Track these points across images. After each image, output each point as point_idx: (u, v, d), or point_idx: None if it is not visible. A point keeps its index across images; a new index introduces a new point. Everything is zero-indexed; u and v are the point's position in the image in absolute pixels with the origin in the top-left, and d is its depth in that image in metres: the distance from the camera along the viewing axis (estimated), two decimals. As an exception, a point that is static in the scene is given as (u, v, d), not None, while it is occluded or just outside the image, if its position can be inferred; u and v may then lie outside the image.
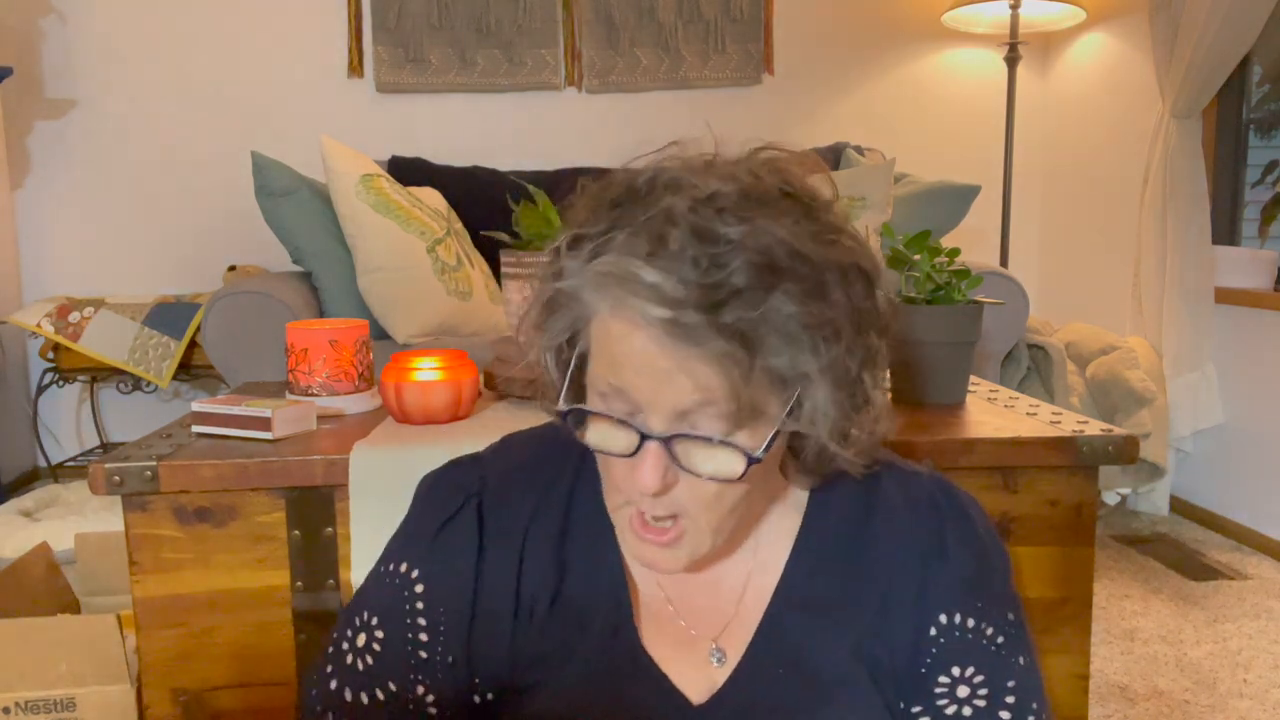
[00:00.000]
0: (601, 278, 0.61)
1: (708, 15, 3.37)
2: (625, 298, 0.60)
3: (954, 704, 0.71)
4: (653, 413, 0.62)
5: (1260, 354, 2.64)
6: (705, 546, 0.68)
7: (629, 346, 0.61)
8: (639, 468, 0.63)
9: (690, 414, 0.62)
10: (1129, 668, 1.92)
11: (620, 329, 0.61)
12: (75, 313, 2.83)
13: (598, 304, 0.63)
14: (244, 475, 1.07)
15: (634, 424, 0.63)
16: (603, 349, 0.64)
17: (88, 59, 3.25)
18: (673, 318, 0.58)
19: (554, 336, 0.69)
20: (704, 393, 0.61)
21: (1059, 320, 3.19)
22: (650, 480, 0.63)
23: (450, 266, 2.46)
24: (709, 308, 0.58)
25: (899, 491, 0.76)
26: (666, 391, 0.61)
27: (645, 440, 0.63)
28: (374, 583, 0.77)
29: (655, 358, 0.60)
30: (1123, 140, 3.15)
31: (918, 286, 1.30)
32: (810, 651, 0.72)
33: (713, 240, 0.59)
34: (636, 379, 0.62)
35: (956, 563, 0.73)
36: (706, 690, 0.72)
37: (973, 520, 0.76)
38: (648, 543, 0.67)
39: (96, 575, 1.74)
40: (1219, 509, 2.76)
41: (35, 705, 1.30)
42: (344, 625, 0.76)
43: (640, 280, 0.58)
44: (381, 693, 0.72)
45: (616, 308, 0.61)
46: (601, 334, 0.64)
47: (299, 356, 1.27)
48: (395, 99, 3.35)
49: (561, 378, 0.70)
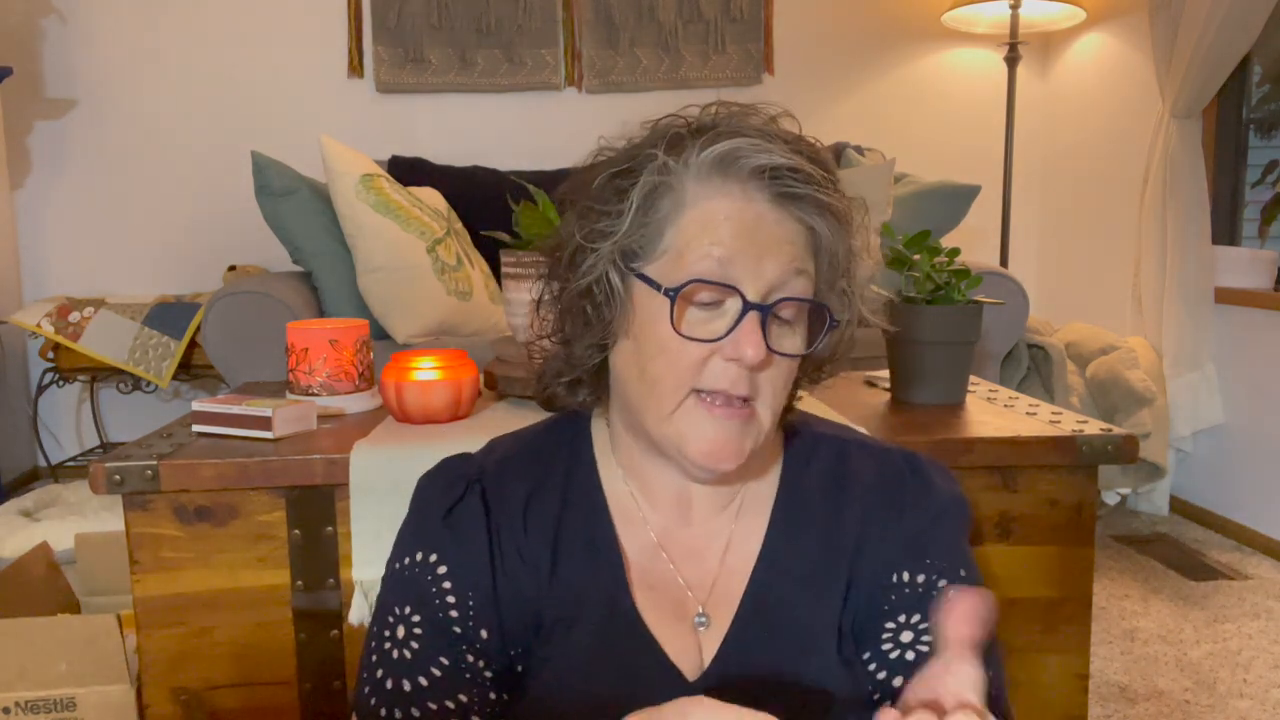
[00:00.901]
0: (721, 163, 0.69)
1: (708, 15, 3.37)
2: (742, 177, 0.69)
3: (897, 648, 0.73)
4: (752, 284, 0.69)
5: (1260, 354, 2.64)
6: (761, 439, 0.72)
7: (737, 219, 0.69)
8: (740, 340, 0.68)
9: (780, 288, 0.70)
10: (1129, 668, 1.92)
11: (729, 206, 0.69)
12: (75, 313, 2.83)
13: (704, 189, 0.70)
14: (244, 474, 1.07)
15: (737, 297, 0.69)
16: (703, 231, 0.69)
17: (88, 59, 3.25)
18: (785, 190, 0.69)
19: (633, 234, 0.71)
20: (798, 257, 0.70)
21: (1059, 320, 3.19)
22: (756, 345, 0.68)
23: (450, 266, 2.46)
24: (810, 183, 0.69)
25: (870, 467, 0.80)
26: (767, 261, 0.69)
27: (748, 310, 0.68)
28: (394, 580, 0.77)
29: (761, 227, 0.69)
30: (1123, 140, 3.15)
31: (918, 286, 1.30)
32: (792, 622, 0.74)
33: (796, 137, 0.72)
34: (742, 251, 0.68)
35: (911, 522, 0.77)
36: (696, 663, 0.74)
37: (933, 485, 0.79)
38: (723, 420, 0.70)
39: (96, 575, 1.74)
40: (1219, 509, 2.76)
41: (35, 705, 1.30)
42: (379, 628, 0.76)
43: (762, 160, 0.68)
44: (437, 669, 0.73)
45: (729, 185, 0.69)
46: (703, 216, 0.70)
47: (299, 356, 1.27)
48: (395, 99, 3.35)
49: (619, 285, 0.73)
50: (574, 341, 0.77)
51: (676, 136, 0.72)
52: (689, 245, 0.70)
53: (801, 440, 0.82)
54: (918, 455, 0.82)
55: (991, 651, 0.75)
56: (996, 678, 0.74)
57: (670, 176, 0.71)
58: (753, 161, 0.69)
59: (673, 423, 0.71)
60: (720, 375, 0.69)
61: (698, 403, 0.70)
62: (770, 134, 0.71)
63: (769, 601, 0.75)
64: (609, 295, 0.73)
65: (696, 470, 0.72)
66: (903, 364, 1.32)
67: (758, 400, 0.71)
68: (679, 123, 0.73)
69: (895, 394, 1.35)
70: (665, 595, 0.76)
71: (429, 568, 0.75)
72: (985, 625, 0.52)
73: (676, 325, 0.69)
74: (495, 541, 0.76)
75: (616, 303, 0.73)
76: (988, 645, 0.75)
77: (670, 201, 0.71)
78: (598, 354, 0.77)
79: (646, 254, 0.72)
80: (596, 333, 0.75)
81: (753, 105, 0.75)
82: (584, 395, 0.81)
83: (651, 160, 0.71)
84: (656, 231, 0.71)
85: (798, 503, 0.78)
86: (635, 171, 0.72)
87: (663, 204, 0.71)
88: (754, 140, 0.69)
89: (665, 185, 0.71)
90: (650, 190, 0.71)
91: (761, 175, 0.69)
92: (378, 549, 1.08)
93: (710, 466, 0.71)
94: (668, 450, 0.73)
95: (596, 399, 0.81)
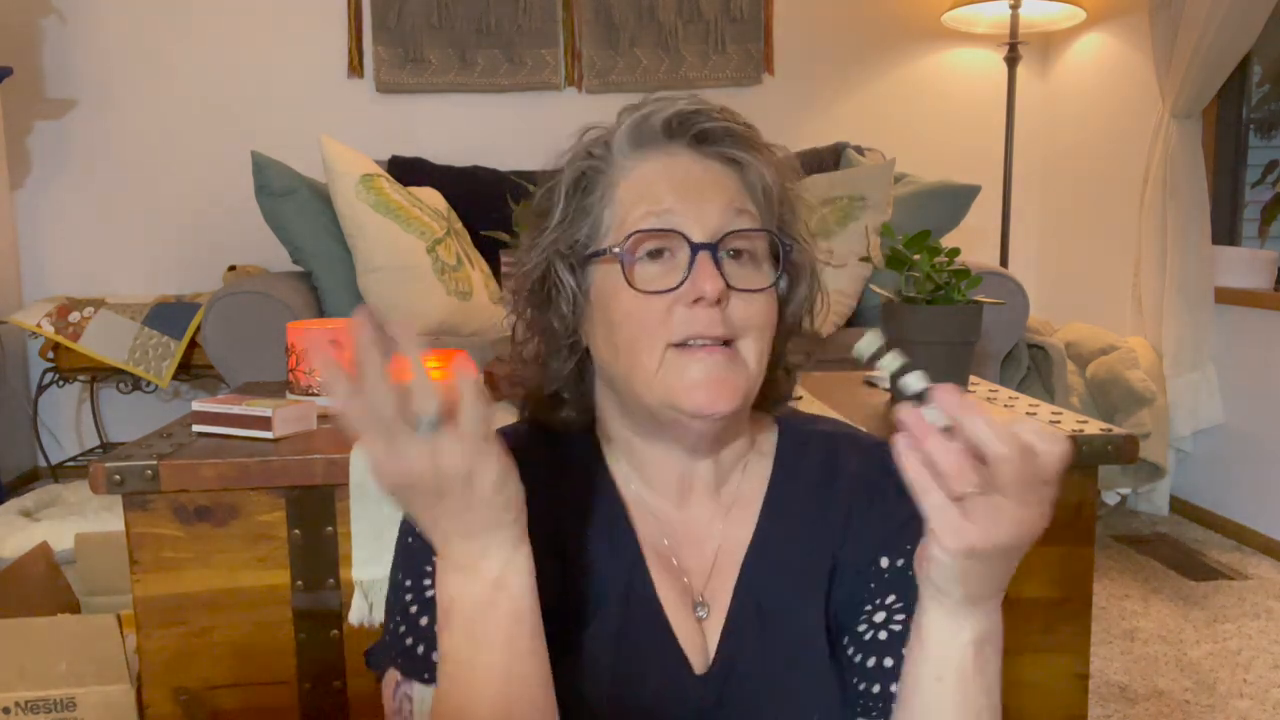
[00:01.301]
0: (635, 132, 0.74)
1: (708, 15, 3.37)
2: (657, 138, 0.73)
3: (871, 629, 0.73)
4: (696, 227, 0.71)
5: (1260, 354, 2.64)
6: (751, 377, 0.72)
7: (666, 175, 0.72)
8: (696, 279, 0.69)
9: (724, 227, 0.71)
10: (1129, 668, 1.92)
11: (655, 167, 0.73)
12: (75, 313, 2.83)
13: (628, 161, 0.74)
14: (244, 474, 1.07)
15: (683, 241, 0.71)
16: (639, 197, 0.72)
17: (88, 59, 3.25)
18: (700, 129, 0.73)
19: (575, 226, 0.74)
20: (735, 198, 0.72)
21: (1059, 320, 3.19)
22: (713, 279, 0.69)
23: (450, 266, 2.46)
24: (720, 119, 0.74)
25: (858, 460, 0.80)
26: (706, 204, 0.71)
27: (697, 251, 0.70)
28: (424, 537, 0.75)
29: (691, 175, 0.72)
30: (1123, 140, 3.15)
31: (918, 286, 1.30)
32: (783, 617, 0.75)
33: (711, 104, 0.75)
34: (678, 201, 0.71)
35: (893, 511, 0.76)
36: (702, 654, 0.74)
37: None
38: (705, 359, 0.70)
39: (96, 575, 1.74)
40: (1219, 509, 2.76)
41: (35, 705, 1.30)
42: (415, 576, 0.73)
43: (670, 110, 0.73)
44: None
45: (648, 150, 0.74)
46: (634, 185, 0.73)
47: (299, 356, 1.27)
48: (395, 99, 3.35)
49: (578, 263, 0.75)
50: (547, 355, 0.78)
51: (599, 137, 0.76)
52: (628, 213, 0.72)
53: (794, 434, 0.82)
54: None
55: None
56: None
57: (598, 160, 0.75)
58: (663, 114, 0.73)
59: (659, 380, 0.71)
60: (691, 320, 0.70)
61: (678, 353, 0.71)
62: (675, 95, 0.76)
63: (760, 595, 0.75)
64: (562, 289, 0.75)
65: (694, 422, 0.71)
66: (903, 364, 1.32)
67: (739, 341, 0.71)
68: (600, 129, 0.77)
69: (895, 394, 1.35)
70: (673, 583, 0.76)
71: None
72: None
73: (631, 280, 0.70)
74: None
75: (570, 295, 0.75)
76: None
77: (602, 184, 0.74)
78: (571, 358, 0.77)
79: (594, 240, 0.74)
80: (564, 335, 0.76)
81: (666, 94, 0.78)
82: (567, 413, 0.80)
83: (575, 153, 0.76)
84: (596, 218, 0.74)
85: (788, 496, 0.79)
86: (563, 170, 0.76)
87: (596, 189, 0.74)
88: (659, 102, 0.74)
89: (594, 169, 0.74)
90: (578, 175, 0.75)
91: (675, 128, 0.73)
92: (378, 549, 1.08)
93: (706, 409, 0.70)
94: (662, 411, 0.71)
95: (582, 419, 0.81)
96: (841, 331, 2.45)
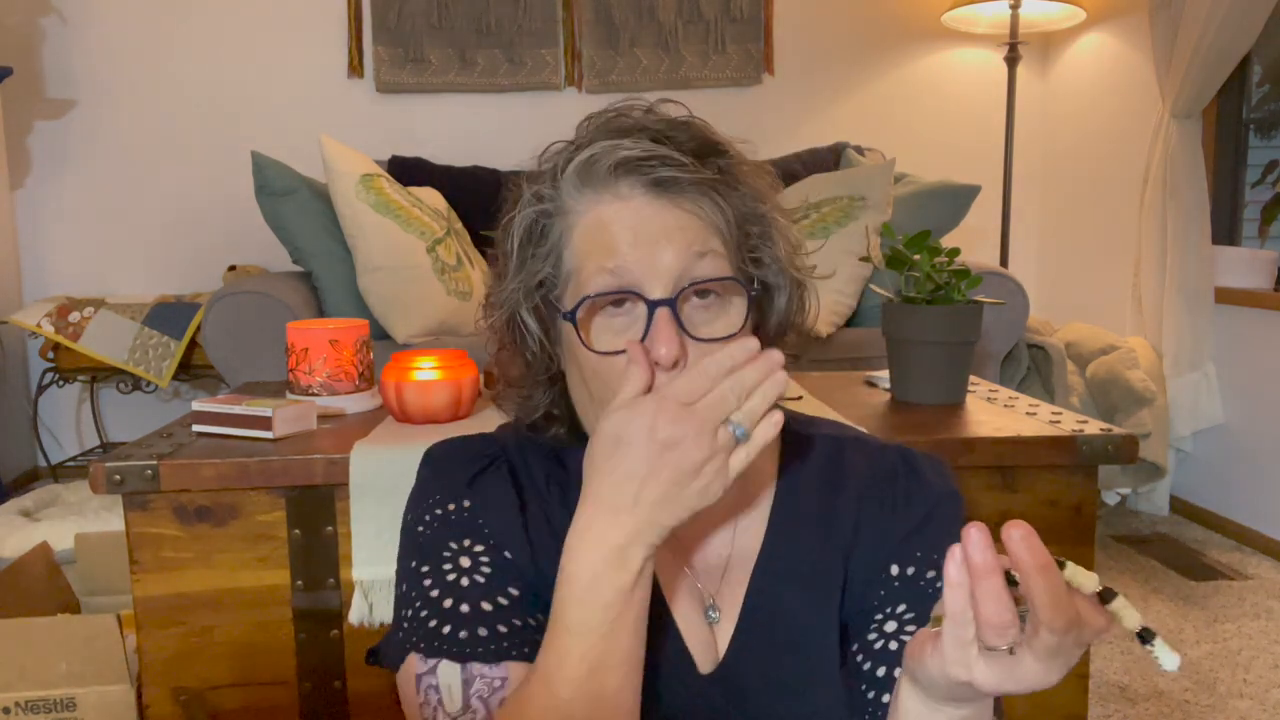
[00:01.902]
0: (583, 172, 0.69)
1: (708, 15, 3.37)
2: (607, 179, 0.69)
3: (881, 638, 0.72)
4: (653, 281, 0.67)
5: (1260, 354, 2.64)
6: None
7: (619, 223, 0.68)
8: (654, 340, 0.66)
9: (686, 276, 0.68)
10: (1129, 668, 1.92)
11: (608, 212, 0.69)
12: (75, 313, 2.83)
13: (580, 204, 0.70)
14: (244, 474, 1.07)
15: (638, 299, 0.68)
16: (592, 246, 0.69)
17: (88, 59, 3.25)
18: (654, 178, 0.68)
19: (532, 273, 0.72)
20: (695, 239, 0.68)
21: (1059, 320, 3.19)
22: (669, 342, 0.66)
23: (450, 266, 2.46)
24: (679, 166, 0.68)
25: (865, 465, 0.79)
26: (662, 253, 0.67)
27: (654, 309, 0.67)
28: (442, 523, 0.74)
29: (646, 222, 0.68)
30: (1123, 140, 3.15)
31: (918, 286, 1.30)
32: (794, 622, 0.74)
33: (666, 122, 0.71)
34: (633, 252, 0.67)
35: (904, 520, 0.76)
36: (712, 656, 0.74)
37: (927, 481, 0.79)
38: None
39: (96, 575, 1.74)
40: (1219, 509, 2.76)
41: (35, 705, 1.30)
42: (433, 563, 0.73)
43: (617, 156, 0.68)
44: (515, 589, 0.71)
45: (601, 193, 0.69)
46: (588, 231, 0.70)
47: (299, 356, 1.27)
48: (395, 99, 3.35)
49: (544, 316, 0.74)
50: (528, 385, 0.78)
51: (551, 166, 0.72)
52: (583, 265, 0.70)
53: (798, 438, 0.82)
54: (913, 451, 0.82)
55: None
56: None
57: (548, 204, 0.71)
58: (607, 161, 0.68)
59: None
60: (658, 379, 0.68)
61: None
62: (630, 126, 0.71)
63: (773, 598, 0.75)
64: (527, 333, 0.74)
65: None
66: (903, 364, 1.32)
67: None
68: (558, 148, 0.73)
69: (895, 394, 1.35)
70: (683, 586, 0.76)
71: (475, 514, 0.74)
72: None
73: (588, 343, 0.69)
74: (525, 511, 0.75)
75: (536, 339, 0.74)
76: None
77: (559, 226, 0.71)
78: (551, 388, 0.77)
79: (557, 283, 0.72)
80: (537, 371, 0.76)
81: (630, 102, 0.74)
82: (556, 430, 0.79)
83: (524, 197, 0.73)
84: (556, 259, 0.72)
85: (795, 501, 0.78)
86: (516, 210, 0.73)
87: (553, 231, 0.72)
88: (606, 142, 0.69)
89: (545, 214, 0.72)
90: (529, 224, 0.72)
91: (623, 171, 0.69)
92: (378, 549, 1.08)
93: None
94: None
95: (574, 434, 0.80)
96: (841, 331, 2.45)
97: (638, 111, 0.73)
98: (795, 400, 1.31)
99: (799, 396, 1.34)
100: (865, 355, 2.37)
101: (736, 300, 0.71)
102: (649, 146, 0.68)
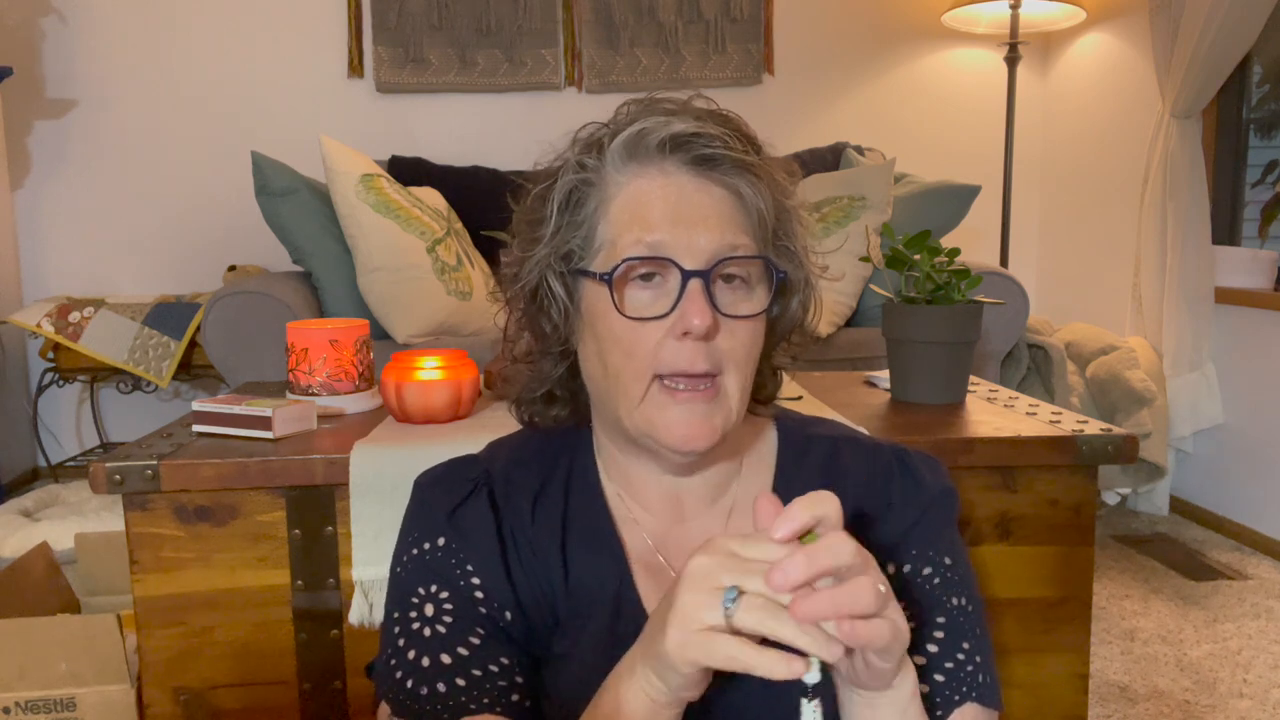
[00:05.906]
0: (632, 145, 0.71)
1: (708, 15, 3.37)
2: (655, 154, 0.71)
3: None
4: (689, 256, 0.69)
5: (1260, 354, 2.64)
6: (731, 414, 0.72)
7: (662, 199, 0.70)
8: (686, 310, 0.68)
9: (720, 254, 0.70)
10: (1129, 668, 1.92)
11: (650, 186, 0.71)
12: (75, 313, 2.83)
13: (622, 175, 0.72)
14: (244, 474, 1.07)
15: (673, 268, 0.69)
16: (632, 219, 0.71)
17: (88, 59, 3.25)
18: (699, 154, 0.70)
19: (564, 240, 0.73)
20: (730, 223, 0.70)
21: (1059, 320, 3.19)
22: (702, 313, 0.68)
23: (450, 266, 2.46)
24: (725, 144, 0.70)
25: (861, 464, 0.80)
26: (699, 235, 0.69)
27: (688, 279, 0.68)
28: (415, 565, 0.77)
29: (686, 199, 0.70)
30: (1123, 140, 3.15)
31: (918, 286, 1.30)
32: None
33: (707, 110, 0.74)
34: (672, 229, 0.69)
35: (899, 517, 0.77)
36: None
37: (921, 480, 0.79)
38: (686, 404, 0.70)
39: (96, 575, 1.74)
40: (1219, 509, 2.76)
41: (35, 705, 1.30)
42: (403, 610, 0.75)
43: (669, 130, 0.70)
44: (475, 638, 0.73)
45: (645, 166, 0.71)
46: (627, 204, 0.71)
47: (299, 356, 1.27)
48: (395, 99, 3.35)
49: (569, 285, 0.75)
50: (539, 356, 0.79)
51: (594, 139, 0.74)
52: (620, 234, 0.71)
53: (794, 438, 0.82)
54: (908, 450, 0.82)
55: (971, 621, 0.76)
56: (977, 645, 0.75)
57: (590, 174, 0.73)
58: (659, 134, 0.71)
59: (642, 411, 0.71)
60: (678, 355, 0.69)
61: (661, 389, 0.71)
62: (675, 109, 0.73)
63: None
64: (554, 301, 0.75)
65: (673, 455, 0.72)
66: (903, 364, 1.32)
67: (723, 373, 0.71)
68: (595, 127, 0.75)
69: (895, 394, 1.35)
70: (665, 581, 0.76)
71: (450, 552, 0.76)
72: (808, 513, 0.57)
73: (620, 307, 0.70)
74: (506, 538, 0.76)
75: (561, 307, 0.75)
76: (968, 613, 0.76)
77: (595, 198, 0.73)
78: (562, 363, 0.78)
79: (586, 253, 0.73)
80: (555, 341, 0.77)
81: (668, 95, 0.76)
82: (558, 411, 0.81)
83: (567, 164, 0.74)
84: (590, 230, 0.73)
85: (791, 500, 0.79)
86: (556, 178, 0.75)
87: (589, 202, 0.73)
88: (658, 118, 0.71)
89: (586, 183, 0.73)
90: (570, 190, 0.74)
91: (672, 147, 0.71)
92: (378, 549, 1.08)
93: (683, 449, 0.71)
94: (641, 440, 0.73)
95: (576, 415, 0.82)
96: (841, 331, 2.45)
97: (679, 99, 0.75)
98: (795, 400, 1.31)
99: (799, 397, 1.34)
100: (865, 355, 2.37)
101: (760, 289, 0.73)
102: (698, 124, 0.71)
